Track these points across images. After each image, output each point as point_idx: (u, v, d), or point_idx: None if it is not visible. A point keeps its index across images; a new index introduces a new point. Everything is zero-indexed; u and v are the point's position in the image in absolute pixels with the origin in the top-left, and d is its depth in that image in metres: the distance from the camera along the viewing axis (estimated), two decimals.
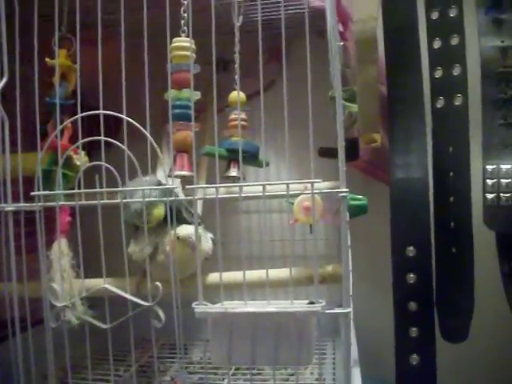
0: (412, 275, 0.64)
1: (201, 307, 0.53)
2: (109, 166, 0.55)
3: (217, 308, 0.53)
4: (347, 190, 0.53)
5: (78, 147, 0.60)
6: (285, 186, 0.54)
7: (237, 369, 0.81)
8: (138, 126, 0.55)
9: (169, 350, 0.90)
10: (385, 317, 0.66)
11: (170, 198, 0.56)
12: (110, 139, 0.56)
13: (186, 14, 0.64)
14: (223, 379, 0.77)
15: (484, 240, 0.64)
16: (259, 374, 0.81)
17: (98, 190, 0.55)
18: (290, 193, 0.56)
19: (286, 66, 0.71)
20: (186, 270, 0.66)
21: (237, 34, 0.64)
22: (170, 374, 0.84)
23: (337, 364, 0.83)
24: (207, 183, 0.79)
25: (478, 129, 0.63)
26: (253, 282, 0.61)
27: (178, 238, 0.63)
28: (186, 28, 0.64)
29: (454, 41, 0.65)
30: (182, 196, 0.64)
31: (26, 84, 0.62)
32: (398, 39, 0.68)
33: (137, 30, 0.58)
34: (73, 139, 0.66)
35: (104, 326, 0.57)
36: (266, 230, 0.91)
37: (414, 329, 0.64)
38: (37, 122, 0.60)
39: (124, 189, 0.56)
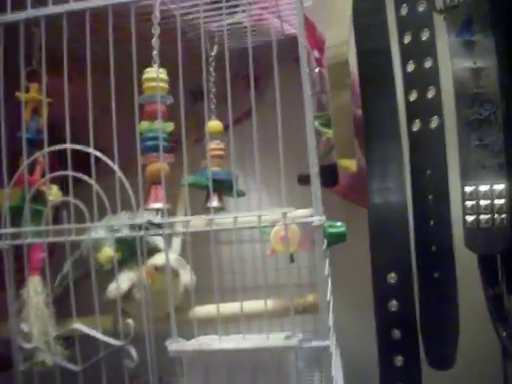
0: (394, 302, 0.62)
1: (174, 345, 0.51)
2: (77, 201, 0.54)
3: (191, 345, 0.51)
4: (321, 217, 0.52)
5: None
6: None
7: None
8: (108, 160, 0.54)
9: None
10: (371, 345, 0.65)
11: (141, 233, 0.54)
12: (79, 174, 0.55)
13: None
14: None
15: (466, 263, 0.63)
16: None
17: (65, 226, 0.54)
18: (266, 223, 0.55)
19: (266, 93, 0.70)
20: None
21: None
22: None
23: None
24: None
25: (455, 150, 0.62)
26: (231, 315, 0.59)
27: (156, 268, 0.61)
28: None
29: (428, 63, 0.65)
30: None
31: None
32: (371, 63, 0.68)
33: (114, 64, 0.58)
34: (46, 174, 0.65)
35: (75, 369, 0.55)
36: (246, 261, 0.89)
37: (399, 357, 0.62)
38: (3, 156, 0.59)
39: (92, 224, 0.54)
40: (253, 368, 0.51)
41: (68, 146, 0.55)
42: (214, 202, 0.74)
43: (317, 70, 0.79)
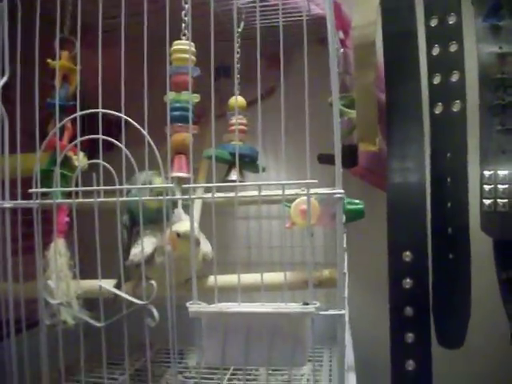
0: (408, 280, 0.63)
1: (195, 306, 0.53)
2: (106, 164, 0.56)
3: (211, 307, 0.53)
4: (343, 191, 0.53)
5: (76, 147, 0.61)
6: (281, 187, 0.55)
7: (233, 374, 0.81)
8: (137, 125, 0.56)
9: (165, 354, 0.90)
10: (381, 322, 0.66)
11: (167, 197, 0.56)
12: (108, 138, 0.56)
13: (186, 18, 0.65)
14: None
15: (481, 246, 0.63)
16: (255, 379, 0.81)
17: (94, 188, 0.56)
18: (287, 196, 0.57)
19: (288, 73, 0.71)
20: (189, 271, 0.65)
21: (236, 40, 0.64)
22: (165, 379, 0.83)
23: (333, 372, 0.83)
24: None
25: (475, 134, 0.63)
26: (249, 285, 0.61)
27: (178, 235, 0.63)
28: (186, 31, 0.65)
29: (453, 47, 0.65)
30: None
31: (29, 85, 0.63)
32: (397, 46, 0.68)
33: (140, 35, 0.59)
34: (73, 140, 0.66)
35: (98, 324, 0.56)
36: (264, 236, 0.91)
37: (410, 334, 0.63)
38: (36, 122, 0.60)
39: (121, 187, 0.56)
40: (270, 333, 0.52)
41: (100, 110, 0.57)
42: (234, 176, 0.76)
43: (341, 50, 0.79)
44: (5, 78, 0.61)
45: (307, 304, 0.52)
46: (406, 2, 0.68)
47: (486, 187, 0.61)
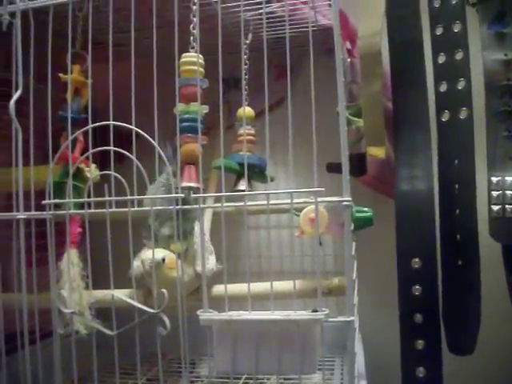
0: (418, 287, 0.63)
1: (205, 314, 0.54)
2: (118, 175, 0.57)
3: (221, 315, 0.54)
4: (350, 199, 0.54)
5: (88, 159, 0.62)
6: (289, 196, 0.55)
7: (245, 383, 0.81)
8: (148, 137, 0.57)
9: (177, 364, 0.91)
10: (391, 329, 0.66)
11: (177, 207, 0.57)
12: (120, 149, 0.57)
13: (195, 31, 0.66)
14: None
15: (490, 252, 0.64)
16: None
17: (106, 198, 0.57)
18: (296, 205, 0.57)
19: (297, 83, 0.72)
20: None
21: (243, 51, 0.65)
22: None
23: (344, 380, 0.82)
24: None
25: (482, 141, 0.63)
26: (259, 293, 0.61)
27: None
28: (195, 44, 0.66)
29: (459, 55, 0.66)
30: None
31: (42, 99, 0.64)
32: (403, 54, 0.69)
33: (150, 50, 0.60)
34: (85, 153, 0.68)
35: (110, 333, 0.57)
36: (274, 245, 0.91)
37: (420, 341, 0.63)
38: (49, 134, 0.62)
39: (133, 197, 0.57)
40: (279, 341, 0.52)
41: (111, 122, 0.58)
42: (243, 186, 0.76)
43: (348, 60, 0.80)
44: (19, 92, 0.62)
45: (316, 311, 0.52)
46: (411, 11, 0.69)
47: (494, 193, 0.62)
